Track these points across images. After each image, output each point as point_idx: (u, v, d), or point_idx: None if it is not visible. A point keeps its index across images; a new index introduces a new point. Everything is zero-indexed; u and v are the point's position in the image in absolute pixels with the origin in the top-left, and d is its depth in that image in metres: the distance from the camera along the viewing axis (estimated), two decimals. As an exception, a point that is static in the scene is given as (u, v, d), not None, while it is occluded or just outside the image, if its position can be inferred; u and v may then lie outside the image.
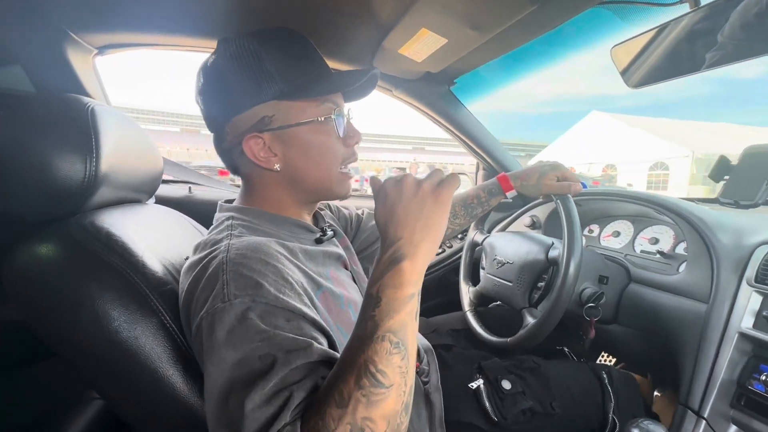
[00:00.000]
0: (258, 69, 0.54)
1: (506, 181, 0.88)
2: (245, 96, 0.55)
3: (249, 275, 0.44)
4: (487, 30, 0.80)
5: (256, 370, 0.39)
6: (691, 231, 0.84)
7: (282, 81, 0.55)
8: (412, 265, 0.43)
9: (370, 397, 0.37)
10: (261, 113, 0.55)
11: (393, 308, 0.41)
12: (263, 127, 0.56)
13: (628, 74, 0.77)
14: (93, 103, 0.56)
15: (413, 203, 0.45)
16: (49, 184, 0.50)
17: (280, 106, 0.55)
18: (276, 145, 0.56)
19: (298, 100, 0.56)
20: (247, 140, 0.56)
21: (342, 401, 0.37)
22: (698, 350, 0.75)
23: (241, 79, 0.55)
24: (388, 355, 0.39)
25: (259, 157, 0.56)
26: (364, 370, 0.38)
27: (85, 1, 0.79)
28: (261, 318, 0.42)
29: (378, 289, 0.42)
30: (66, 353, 0.50)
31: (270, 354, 0.40)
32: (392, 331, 0.40)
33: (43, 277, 0.48)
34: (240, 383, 0.39)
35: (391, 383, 0.38)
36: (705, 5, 0.59)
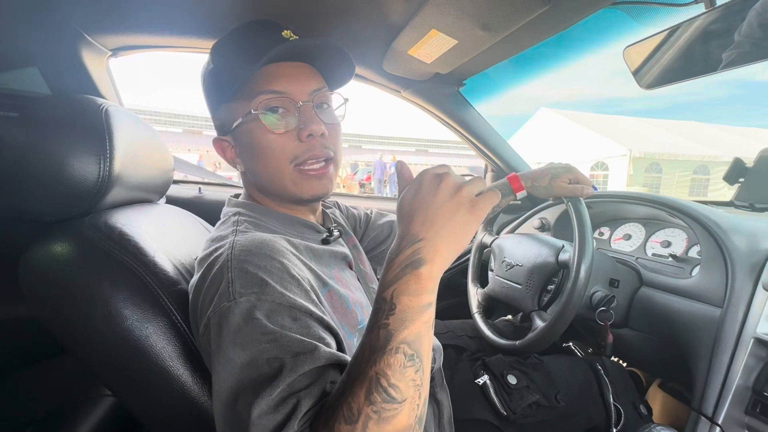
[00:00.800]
0: (210, 73, 0.58)
1: (517, 182, 0.87)
2: (210, 101, 0.59)
3: (254, 272, 0.44)
4: (498, 31, 0.80)
5: (263, 374, 0.39)
6: (705, 234, 0.83)
7: (225, 82, 0.55)
8: (430, 272, 0.39)
9: (381, 414, 0.35)
10: (221, 116, 0.59)
11: (408, 317, 0.38)
12: (223, 129, 0.59)
13: (640, 75, 0.76)
14: (107, 105, 0.57)
15: (447, 205, 0.41)
16: (64, 184, 0.51)
17: (229, 108, 0.57)
18: (236, 147, 0.59)
19: (239, 99, 0.55)
20: (215, 143, 0.60)
21: (351, 417, 0.35)
22: (712, 356, 0.73)
23: (206, 87, 0.59)
24: (402, 368, 0.36)
25: (228, 159, 0.60)
26: (375, 384, 0.35)
27: (101, 4, 0.80)
28: (267, 317, 0.41)
29: (392, 294, 0.38)
30: (79, 351, 0.50)
31: (278, 357, 0.39)
32: (407, 342, 0.37)
33: (57, 275, 0.49)
34: (247, 387, 0.39)
35: (404, 398, 0.36)
36: (721, 5, 0.58)
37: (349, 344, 0.54)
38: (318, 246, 0.59)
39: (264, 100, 0.53)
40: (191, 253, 0.65)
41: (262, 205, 0.60)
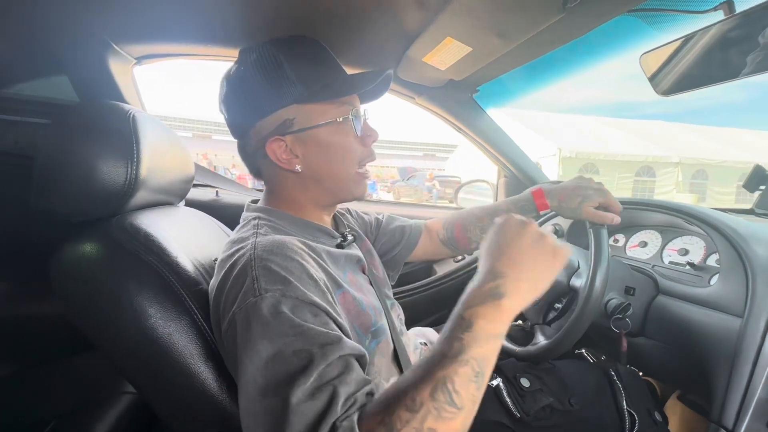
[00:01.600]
0: (278, 75, 0.57)
1: (541, 198, 0.81)
2: (267, 101, 0.58)
3: (277, 270, 0.46)
4: (513, 39, 0.80)
5: (294, 366, 0.41)
6: (724, 242, 0.81)
7: (301, 85, 0.57)
8: (510, 305, 0.43)
9: (441, 412, 0.38)
10: (282, 117, 0.58)
11: (482, 338, 0.41)
12: (285, 129, 0.58)
13: (657, 81, 0.75)
14: (134, 111, 0.59)
15: (532, 249, 0.46)
16: (93, 186, 0.54)
17: (300, 110, 0.58)
18: (297, 147, 0.59)
19: (317, 102, 0.58)
20: (270, 143, 0.58)
21: (413, 406, 0.38)
22: (732, 367, 0.72)
23: (262, 85, 0.57)
24: (468, 381, 0.39)
25: (281, 159, 0.59)
26: (441, 385, 0.38)
27: (128, 15, 0.84)
28: (292, 311, 0.43)
29: (471, 315, 0.42)
30: (105, 346, 0.52)
31: (305, 349, 0.41)
32: (477, 359, 0.40)
33: (86, 274, 0.51)
34: (279, 379, 0.40)
35: (463, 406, 0.39)
36: (740, 12, 0.58)
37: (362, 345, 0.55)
38: (333, 249, 0.61)
39: (349, 109, 0.60)
40: (210, 255, 0.67)
41: (281, 209, 0.62)
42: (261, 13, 0.82)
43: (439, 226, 0.90)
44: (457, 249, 0.90)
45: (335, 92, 0.59)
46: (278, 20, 0.84)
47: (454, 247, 0.89)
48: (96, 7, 0.80)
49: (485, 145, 1.33)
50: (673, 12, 0.70)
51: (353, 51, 0.95)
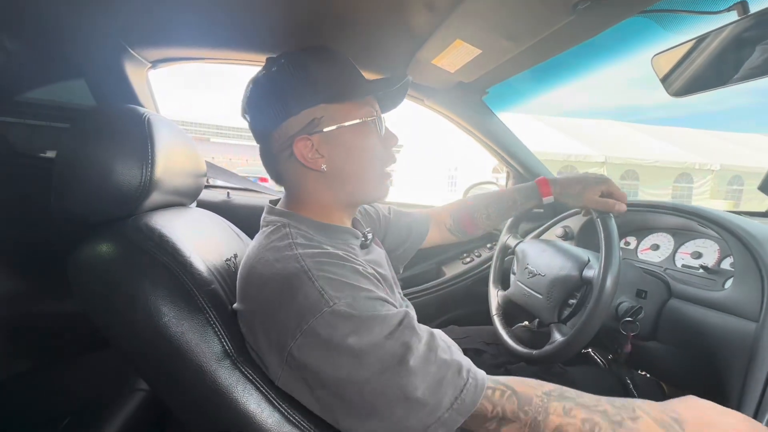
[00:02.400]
0: (306, 76, 0.59)
1: (545, 186, 0.85)
2: (294, 101, 0.59)
3: (337, 279, 0.48)
4: (523, 41, 0.81)
5: (392, 350, 0.45)
6: (739, 245, 0.80)
7: (328, 85, 0.59)
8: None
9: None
10: (310, 116, 0.59)
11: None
12: (312, 129, 0.59)
13: (669, 83, 0.75)
14: (149, 114, 0.61)
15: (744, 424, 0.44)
16: (110, 187, 0.55)
17: (327, 109, 0.59)
18: (323, 147, 0.59)
19: (344, 102, 0.59)
20: (297, 142, 0.59)
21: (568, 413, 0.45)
22: (747, 371, 0.70)
23: (291, 85, 0.59)
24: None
25: (307, 158, 0.59)
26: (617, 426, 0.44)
27: (143, 18, 0.86)
28: (365, 308, 0.47)
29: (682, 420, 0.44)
30: (120, 344, 0.53)
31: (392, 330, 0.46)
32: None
33: (103, 273, 0.52)
34: (388, 356, 0.44)
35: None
36: (754, 13, 0.57)
37: None
38: (359, 250, 0.64)
39: (370, 111, 0.62)
40: (222, 255, 0.68)
41: (301, 213, 0.62)
42: (273, 18, 0.84)
43: (446, 215, 0.91)
44: (464, 235, 0.92)
45: (360, 92, 0.61)
46: (290, 24, 0.86)
47: (461, 234, 0.92)
48: (112, 12, 0.83)
49: (495, 147, 1.33)
50: (686, 13, 0.69)
51: (363, 54, 0.96)
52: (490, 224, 0.91)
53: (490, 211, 0.90)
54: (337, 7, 0.77)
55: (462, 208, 0.92)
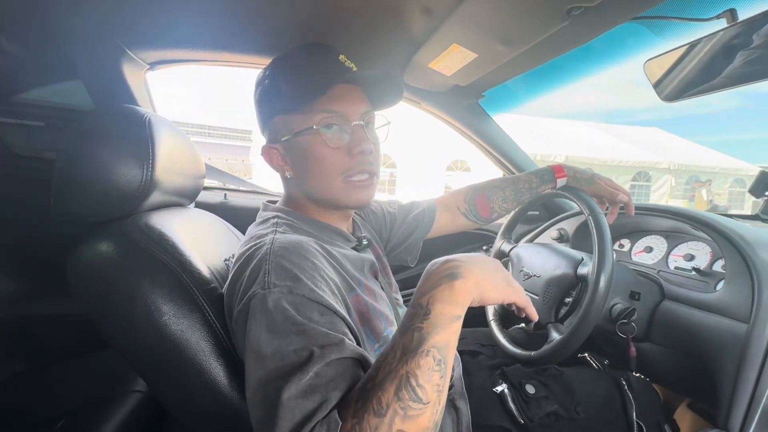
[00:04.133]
0: (272, 87, 0.62)
1: (560, 170, 0.89)
2: (265, 112, 0.64)
3: (289, 268, 0.47)
4: (518, 46, 0.82)
5: (292, 363, 0.41)
6: (730, 248, 0.82)
7: (285, 96, 0.60)
8: (464, 286, 0.44)
9: (407, 411, 0.38)
10: (275, 126, 0.62)
11: (441, 324, 0.41)
12: (275, 138, 0.63)
13: (661, 88, 0.76)
14: (149, 115, 0.61)
15: (490, 264, 0.49)
16: (111, 188, 0.55)
17: (286, 120, 0.61)
18: (287, 155, 0.63)
19: (297, 112, 0.60)
20: (265, 151, 0.64)
21: (380, 410, 0.38)
22: (738, 372, 0.72)
23: (263, 98, 0.63)
24: (430, 371, 0.40)
25: (276, 165, 0.64)
26: (405, 382, 0.39)
27: (141, 20, 0.86)
28: (297, 310, 0.44)
29: (428, 301, 0.43)
30: (120, 343, 0.54)
31: (306, 347, 0.42)
32: (437, 347, 0.40)
33: (103, 272, 0.53)
34: (277, 372, 0.41)
35: (429, 400, 0.39)
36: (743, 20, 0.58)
37: (371, 349, 0.56)
38: (348, 252, 0.63)
39: (324, 118, 0.58)
40: (221, 255, 0.69)
41: (299, 211, 0.64)
42: (270, 21, 0.84)
43: (460, 199, 0.91)
44: (478, 220, 0.92)
45: (304, 101, 0.58)
46: (286, 28, 0.86)
47: (475, 218, 0.91)
48: (110, 14, 0.83)
49: (491, 150, 1.34)
50: (677, 20, 0.70)
51: (360, 57, 0.96)
52: (505, 207, 0.92)
53: (507, 194, 0.91)
54: (335, 10, 0.78)
55: (477, 191, 0.91)
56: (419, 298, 0.44)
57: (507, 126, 1.32)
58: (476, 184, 0.94)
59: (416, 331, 0.41)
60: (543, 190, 0.92)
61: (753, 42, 0.57)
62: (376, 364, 0.42)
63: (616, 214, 0.91)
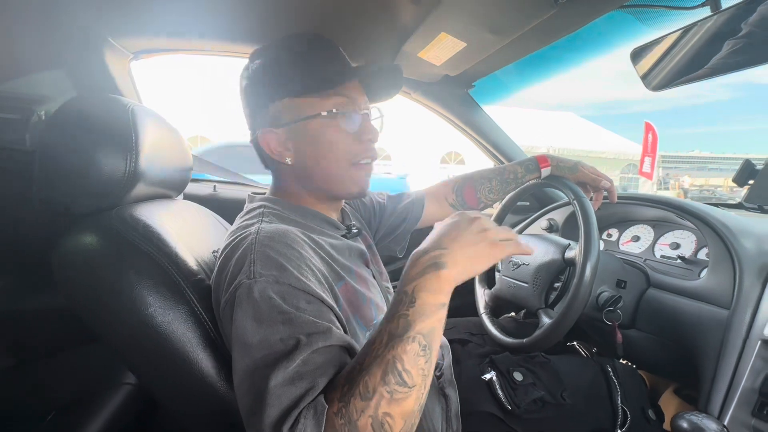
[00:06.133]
0: (277, 70, 0.60)
1: (544, 160, 0.91)
2: (265, 95, 0.60)
3: (275, 257, 0.47)
4: (506, 34, 0.81)
5: (278, 351, 0.42)
6: (714, 236, 0.83)
7: (294, 79, 0.59)
8: (449, 275, 0.44)
9: (393, 395, 0.39)
10: (277, 110, 0.60)
11: (426, 311, 0.42)
12: (278, 122, 0.60)
13: (648, 77, 0.76)
14: (132, 104, 0.60)
15: (471, 235, 0.48)
16: (93, 179, 0.55)
17: (292, 103, 0.59)
18: (290, 140, 0.60)
19: (308, 96, 0.59)
20: (262, 135, 0.60)
21: (366, 394, 0.39)
22: (719, 357, 0.74)
23: (263, 80, 0.60)
24: (416, 356, 0.40)
25: (274, 151, 0.61)
26: (391, 366, 0.39)
27: (124, 9, 0.84)
28: (283, 298, 0.44)
29: (413, 289, 0.43)
30: (106, 336, 0.53)
31: (293, 336, 0.42)
32: (423, 333, 0.41)
33: (87, 265, 0.52)
34: (264, 361, 0.41)
35: (414, 384, 0.40)
36: (726, 8, 0.59)
37: (362, 336, 0.56)
38: (337, 241, 0.62)
39: (339, 102, 0.59)
40: (209, 246, 0.68)
41: (287, 199, 0.63)
42: (256, 9, 0.83)
43: (448, 190, 0.92)
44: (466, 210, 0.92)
45: (324, 84, 0.59)
46: (274, 16, 0.85)
47: (463, 209, 0.92)
48: (92, 2, 0.81)
49: (481, 140, 1.34)
50: (662, 8, 0.71)
51: (349, 46, 0.95)
52: (492, 198, 0.93)
53: (493, 184, 0.92)
54: None
55: (465, 182, 0.92)
56: (405, 285, 0.44)
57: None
58: (464, 174, 0.95)
59: (402, 317, 0.42)
60: (528, 180, 0.93)
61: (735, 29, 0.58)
62: (363, 349, 0.42)
63: (600, 200, 0.92)
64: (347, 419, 0.38)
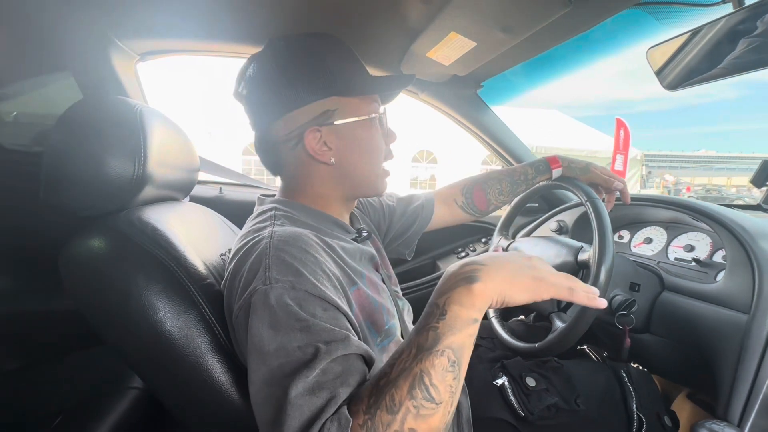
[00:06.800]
0: (321, 66, 0.57)
1: (555, 161, 0.89)
2: (306, 91, 0.57)
3: (290, 262, 0.46)
4: (518, 33, 0.80)
5: (297, 359, 0.40)
6: (731, 238, 0.81)
7: (341, 78, 0.58)
8: (483, 290, 0.42)
9: (420, 410, 0.38)
10: (322, 108, 0.57)
11: (457, 326, 0.41)
12: (324, 120, 0.58)
13: (663, 75, 0.74)
14: (141, 106, 0.59)
15: (516, 262, 0.46)
16: (102, 181, 0.54)
17: (340, 102, 0.58)
18: (332, 139, 0.58)
19: (355, 96, 0.59)
20: (308, 133, 0.57)
21: (393, 408, 0.37)
22: (738, 363, 0.72)
23: (303, 74, 0.57)
24: (444, 371, 0.39)
25: (316, 150, 0.58)
26: (418, 380, 0.38)
27: (130, 11, 0.84)
28: (299, 305, 0.43)
29: (445, 302, 0.42)
30: (114, 340, 0.52)
31: (311, 344, 0.41)
32: (452, 348, 0.40)
33: (95, 268, 0.51)
34: (282, 370, 0.40)
35: (441, 400, 0.39)
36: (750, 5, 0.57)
37: (373, 343, 0.55)
38: (348, 245, 0.61)
39: (376, 106, 0.62)
40: (217, 250, 0.67)
41: (298, 201, 0.61)
42: (263, 10, 0.82)
43: (457, 192, 0.90)
44: (475, 212, 0.92)
45: (372, 88, 0.61)
46: (282, 16, 0.84)
47: (472, 211, 0.91)
48: (98, 3, 0.81)
49: (489, 141, 1.32)
50: (681, 5, 0.69)
51: (358, 46, 0.94)
52: (502, 200, 0.91)
53: (503, 186, 0.90)
54: None
55: (474, 183, 0.91)
56: (437, 298, 0.43)
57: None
58: (473, 176, 0.94)
59: (431, 330, 0.41)
60: (539, 182, 0.91)
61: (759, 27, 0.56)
62: (390, 361, 0.41)
63: (613, 202, 0.90)
64: (373, 431, 0.37)
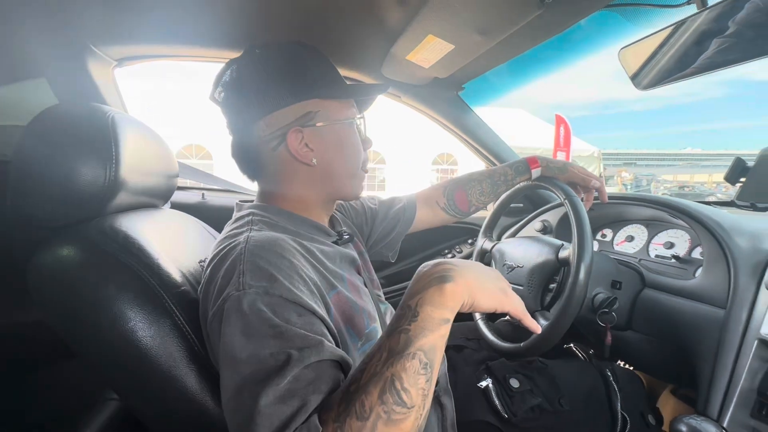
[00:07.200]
0: (302, 69, 0.58)
1: (534, 161, 0.90)
2: (290, 92, 0.57)
3: (265, 267, 0.45)
4: (494, 35, 0.81)
5: (269, 366, 0.40)
6: (707, 235, 0.82)
7: (323, 81, 0.59)
8: (454, 290, 0.42)
9: (390, 415, 0.37)
10: (305, 109, 0.58)
11: (428, 327, 0.40)
12: (306, 122, 0.58)
13: (637, 76, 0.76)
14: (113, 112, 0.58)
15: (486, 273, 0.48)
16: (71, 189, 0.53)
17: (321, 104, 0.58)
18: (314, 141, 0.58)
19: (336, 99, 0.60)
20: (291, 133, 0.57)
21: (363, 414, 0.37)
22: (716, 357, 0.73)
23: (286, 76, 0.57)
24: (416, 374, 0.38)
25: (299, 152, 0.58)
26: (389, 385, 0.37)
27: (106, 16, 0.83)
28: (273, 311, 0.42)
29: (417, 302, 0.41)
30: (85, 352, 0.51)
31: (283, 350, 0.40)
32: (424, 350, 0.39)
33: (64, 278, 0.50)
34: (253, 377, 0.40)
35: (413, 404, 0.38)
36: (713, 5, 0.58)
37: (354, 347, 0.54)
38: (328, 248, 0.60)
39: (354, 111, 0.64)
40: (195, 257, 0.66)
41: (275, 205, 0.61)
42: (242, 15, 0.82)
43: (439, 194, 0.91)
44: (457, 213, 0.92)
45: (353, 92, 0.62)
46: (261, 21, 0.84)
47: (454, 212, 0.92)
48: (73, 9, 0.79)
49: (472, 142, 1.33)
50: (649, 6, 0.70)
51: (337, 49, 0.94)
52: (483, 200, 0.92)
53: (484, 187, 0.91)
54: (310, 2, 0.76)
55: (455, 185, 0.91)
56: (408, 299, 0.42)
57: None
58: (455, 178, 0.94)
59: (403, 332, 0.40)
60: (519, 182, 0.92)
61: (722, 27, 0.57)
62: (361, 366, 0.40)
63: (591, 200, 0.91)
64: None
